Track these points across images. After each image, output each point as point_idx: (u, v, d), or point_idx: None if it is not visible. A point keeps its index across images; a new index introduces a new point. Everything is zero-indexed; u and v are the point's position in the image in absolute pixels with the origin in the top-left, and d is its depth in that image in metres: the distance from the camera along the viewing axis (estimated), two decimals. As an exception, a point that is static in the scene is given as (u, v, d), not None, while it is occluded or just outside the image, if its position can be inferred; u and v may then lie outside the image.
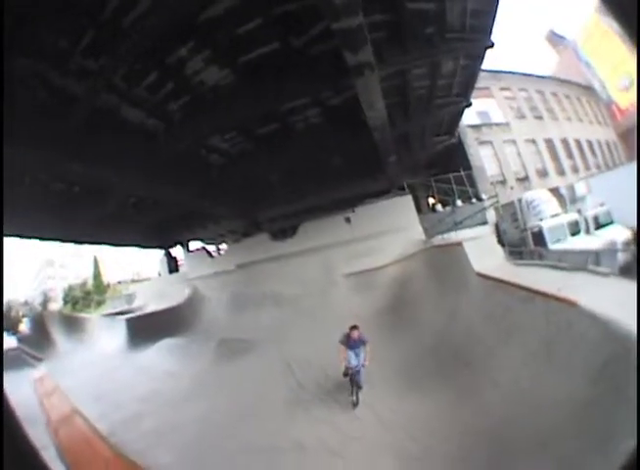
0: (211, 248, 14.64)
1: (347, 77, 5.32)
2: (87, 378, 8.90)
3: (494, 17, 6.52)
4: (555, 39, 31.19)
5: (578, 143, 20.12)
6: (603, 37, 24.68)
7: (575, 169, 18.47)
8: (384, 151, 9.51)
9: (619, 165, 18.00)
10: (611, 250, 9.38)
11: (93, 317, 16.10)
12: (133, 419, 6.12)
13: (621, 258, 8.19)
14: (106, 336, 13.01)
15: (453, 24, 6.64)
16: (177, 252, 15.18)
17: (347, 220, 11.30)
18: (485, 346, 5.75)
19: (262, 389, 6.73)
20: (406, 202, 11.56)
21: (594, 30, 25.73)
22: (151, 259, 16.59)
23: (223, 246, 13.76)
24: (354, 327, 5.91)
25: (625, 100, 25.50)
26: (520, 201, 12.31)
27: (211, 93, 6.37)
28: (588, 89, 25.49)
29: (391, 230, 10.89)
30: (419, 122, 10.60)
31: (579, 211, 12.25)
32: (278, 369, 7.63)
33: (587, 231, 11.86)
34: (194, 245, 14.78)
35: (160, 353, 10.18)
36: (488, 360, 5.42)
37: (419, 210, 12.10)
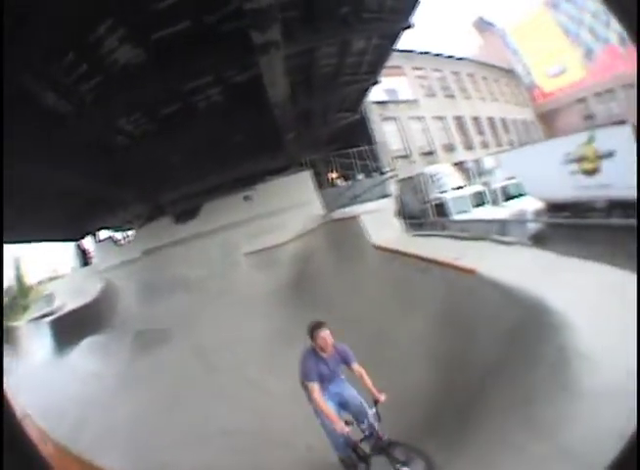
0: (119, 235, 14.04)
1: (253, 55, 5.15)
2: (28, 393, 8.56)
3: (416, -1, 6.47)
4: (483, 26, 32.51)
5: (491, 121, 21.12)
6: (542, 28, 26.15)
7: (485, 145, 19.39)
8: (283, 128, 9.47)
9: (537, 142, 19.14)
10: (518, 219, 9.59)
11: (22, 325, 15.22)
12: (76, 427, 6.04)
13: (532, 227, 8.33)
14: (35, 343, 12.27)
15: (371, 4, 6.59)
16: (88, 243, 14.41)
17: (247, 198, 11.23)
18: (385, 316, 5.86)
19: (180, 377, 6.93)
20: (305, 178, 11.61)
21: (533, 20, 26.94)
22: (66, 254, 15.73)
23: (131, 232, 13.27)
24: (319, 325, 2.99)
25: (552, 85, 27.23)
26: (421, 174, 12.79)
27: (122, 73, 5.89)
28: (509, 72, 26.93)
29: (292, 206, 10.96)
30: (322, 99, 10.60)
31: (486, 184, 12.67)
32: (192, 355, 7.96)
33: (495, 202, 12.27)
34: (103, 234, 14.11)
35: (83, 355, 10.05)
36: (390, 331, 5.50)
37: (320, 185, 12.24)
